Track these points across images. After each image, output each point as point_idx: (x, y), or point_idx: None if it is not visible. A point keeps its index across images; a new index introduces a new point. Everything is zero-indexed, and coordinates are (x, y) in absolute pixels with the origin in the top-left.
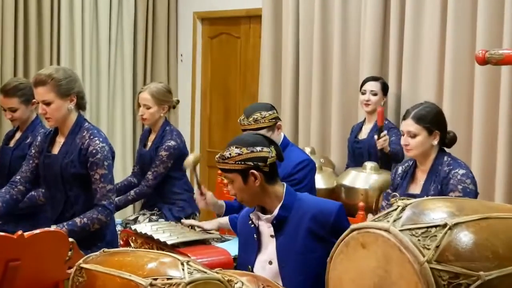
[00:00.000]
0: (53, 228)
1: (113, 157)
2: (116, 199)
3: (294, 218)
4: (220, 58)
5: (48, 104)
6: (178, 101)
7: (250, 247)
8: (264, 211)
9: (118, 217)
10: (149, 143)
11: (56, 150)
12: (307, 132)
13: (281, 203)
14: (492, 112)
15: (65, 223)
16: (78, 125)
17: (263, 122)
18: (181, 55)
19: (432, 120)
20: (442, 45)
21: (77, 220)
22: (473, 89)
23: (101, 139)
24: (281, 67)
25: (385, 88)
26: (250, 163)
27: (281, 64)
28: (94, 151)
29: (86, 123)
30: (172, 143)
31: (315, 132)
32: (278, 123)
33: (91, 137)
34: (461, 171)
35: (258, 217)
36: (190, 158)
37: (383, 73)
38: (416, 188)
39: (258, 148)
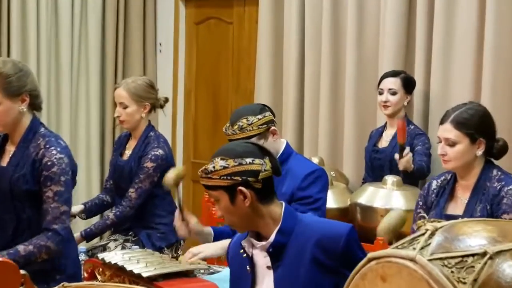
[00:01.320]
0: None
1: (74, 173)
2: (91, 225)
3: (294, 245)
4: (208, 48)
5: None
6: (167, 99)
7: (243, 282)
8: (259, 237)
9: (83, 244)
10: (128, 152)
11: (4, 161)
12: (314, 140)
13: (278, 227)
14: None
15: (4, 252)
16: (32, 130)
17: (250, 130)
18: (160, 44)
19: (477, 125)
20: (481, 32)
21: (21, 248)
22: None
23: (59, 149)
24: (282, 60)
25: (408, 85)
26: (238, 178)
27: (282, 56)
28: (49, 163)
29: (42, 129)
30: (160, 152)
31: (324, 139)
32: (272, 128)
33: (47, 146)
34: None
35: (252, 245)
36: (171, 174)
37: (407, 67)
38: (456, 208)
39: (248, 160)
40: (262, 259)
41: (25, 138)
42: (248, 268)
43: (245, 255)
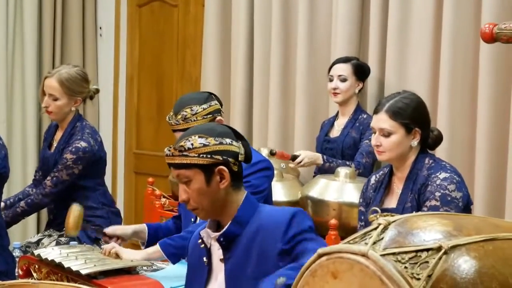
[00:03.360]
0: None
1: (4, 175)
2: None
3: (246, 236)
4: (151, 32)
5: None
6: (97, 90)
7: (199, 274)
8: (218, 227)
9: (17, 239)
10: (55, 143)
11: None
12: (263, 129)
13: (233, 216)
14: (502, 105)
15: None
16: None
17: (194, 120)
18: (100, 28)
19: (412, 114)
20: (438, 15)
21: None
22: (478, 73)
23: None
24: (230, 46)
25: (360, 72)
26: (219, 157)
27: (230, 42)
28: None
29: None
30: (82, 144)
31: (274, 129)
32: (218, 118)
33: None
34: (443, 175)
35: (209, 235)
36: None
37: (361, 53)
38: (392, 200)
39: (228, 141)
40: (216, 251)
41: None
42: (204, 260)
43: (202, 245)
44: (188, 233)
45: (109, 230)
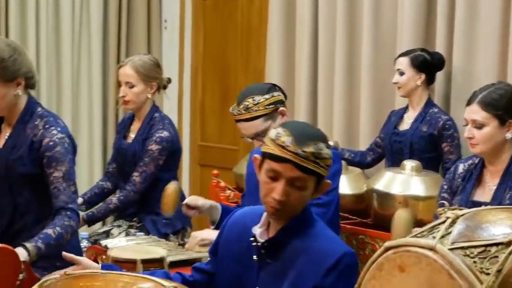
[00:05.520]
0: (28, 245)
1: (75, 152)
2: (94, 209)
3: (291, 249)
4: (215, 24)
5: None
6: (169, 80)
7: (249, 271)
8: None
9: (84, 229)
10: (132, 134)
11: (2, 143)
12: (328, 122)
13: (283, 225)
14: None
15: (37, 238)
16: (29, 111)
17: (256, 110)
18: (165, 20)
19: (506, 106)
20: (506, 6)
21: (50, 231)
22: None
23: (59, 129)
24: (295, 38)
25: (419, 64)
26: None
27: (295, 34)
28: (51, 144)
29: (39, 109)
30: (165, 134)
31: (339, 121)
32: (281, 108)
33: (46, 126)
34: None
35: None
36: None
37: (428, 45)
38: (484, 194)
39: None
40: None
41: (22, 119)
42: (255, 258)
43: (255, 243)
44: None
45: (191, 200)
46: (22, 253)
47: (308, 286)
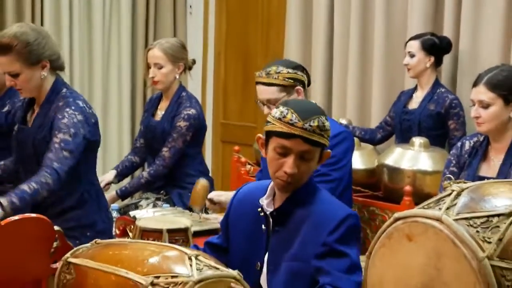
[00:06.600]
0: (2, 200)
1: (96, 142)
2: (126, 184)
3: (298, 216)
4: (237, 10)
5: (15, 75)
6: (194, 61)
7: (258, 240)
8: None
9: (117, 202)
10: (160, 112)
11: (30, 123)
12: (342, 101)
13: (289, 195)
14: None
15: (12, 193)
16: (54, 92)
17: (275, 78)
18: (190, 6)
19: (511, 86)
20: None
21: (25, 186)
22: None
23: (73, 107)
24: (311, 22)
25: (429, 47)
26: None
27: (311, 18)
28: (60, 117)
29: (64, 90)
30: (193, 111)
31: (352, 100)
32: (297, 87)
33: (63, 106)
34: None
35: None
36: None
37: (436, 29)
38: (489, 169)
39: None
40: (270, 221)
41: (47, 100)
42: (263, 227)
43: (262, 213)
44: None
45: (214, 195)
46: None
47: (315, 245)
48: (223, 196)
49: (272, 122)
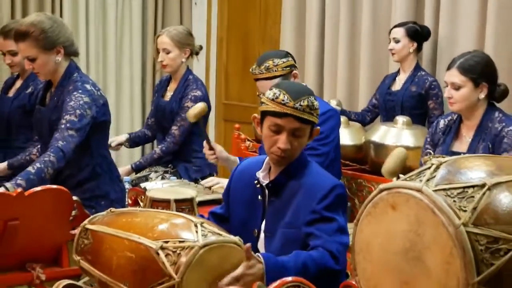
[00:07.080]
0: (8, 185)
1: (105, 122)
2: (140, 159)
3: (291, 187)
4: (238, 2)
5: (32, 60)
6: (201, 47)
7: (255, 210)
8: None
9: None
10: (169, 93)
11: (48, 103)
12: (333, 83)
13: (283, 168)
14: None
15: (18, 176)
16: (67, 76)
17: (276, 71)
18: None
19: (480, 71)
20: None
21: (30, 168)
22: None
23: (80, 91)
24: (305, 11)
25: (413, 34)
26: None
27: (305, 8)
28: (67, 100)
29: (76, 74)
30: (199, 93)
31: (342, 83)
32: (294, 71)
33: (72, 90)
34: None
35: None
36: (193, 111)
37: (418, 17)
38: (461, 146)
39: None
40: (266, 192)
41: (61, 83)
42: (260, 198)
43: (259, 185)
44: None
45: (220, 150)
46: None
47: (306, 213)
48: (219, 147)
49: (266, 102)
